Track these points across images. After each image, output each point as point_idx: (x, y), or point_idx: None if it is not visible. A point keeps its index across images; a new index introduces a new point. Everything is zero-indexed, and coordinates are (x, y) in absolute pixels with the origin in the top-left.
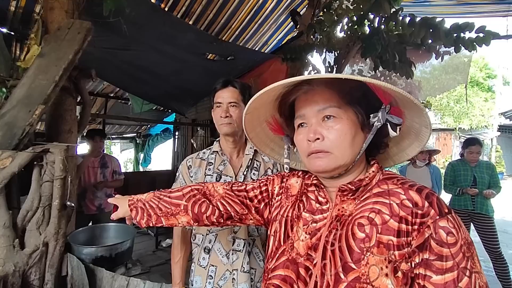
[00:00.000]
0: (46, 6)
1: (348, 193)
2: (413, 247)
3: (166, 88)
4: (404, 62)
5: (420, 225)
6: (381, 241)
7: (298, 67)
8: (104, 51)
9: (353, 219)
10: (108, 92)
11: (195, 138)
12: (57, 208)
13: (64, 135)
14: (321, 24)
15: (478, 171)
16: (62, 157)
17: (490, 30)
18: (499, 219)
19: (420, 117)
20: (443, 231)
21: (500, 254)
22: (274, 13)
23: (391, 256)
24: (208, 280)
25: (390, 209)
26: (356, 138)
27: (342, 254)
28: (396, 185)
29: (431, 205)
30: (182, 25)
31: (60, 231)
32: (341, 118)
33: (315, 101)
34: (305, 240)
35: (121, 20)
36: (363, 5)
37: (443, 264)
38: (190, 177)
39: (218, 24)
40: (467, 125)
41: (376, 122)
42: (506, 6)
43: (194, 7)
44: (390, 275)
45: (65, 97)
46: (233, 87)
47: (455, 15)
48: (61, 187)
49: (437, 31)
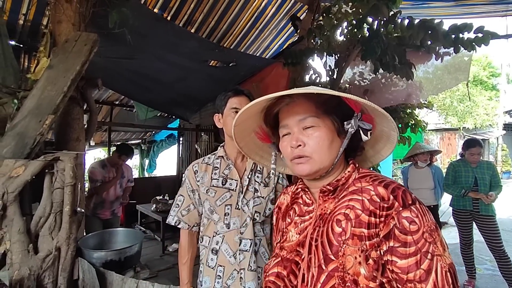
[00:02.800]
0: (54, 19)
1: (328, 193)
2: (381, 236)
3: (170, 95)
4: (404, 64)
5: (386, 217)
6: (354, 234)
7: (299, 71)
8: (109, 61)
9: (332, 216)
10: (113, 100)
11: (199, 144)
12: (68, 214)
13: (73, 143)
14: (321, 29)
15: (479, 172)
16: (72, 165)
17: (488, 30)
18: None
19: (387, 122)
20: (406, 221)
21: (504, 253)
22: (275, 19)
23: (363, 246)
24: (216, 280)
25: (362, 204)
26: (333, 143)
27: (324, 248)
28: (368, 183)
29: (395, 198)
30: (185, 34)
31: (72, 236)
32: (319, 126)
33: (296, 112)
34: (295, 239)
35: (125, 30)
36: (362, 9)
37: (407, 250)
38: (197, 181)
39: (220, 31)
40: (471, 125)
41: (350, 128)
42: (504, 6)
43: (195, 15)
44: (363, 263)
45: (73, 106)
46: (246, 96)
47: (454, 16)
48: (71, 194)
49: (435, 33)
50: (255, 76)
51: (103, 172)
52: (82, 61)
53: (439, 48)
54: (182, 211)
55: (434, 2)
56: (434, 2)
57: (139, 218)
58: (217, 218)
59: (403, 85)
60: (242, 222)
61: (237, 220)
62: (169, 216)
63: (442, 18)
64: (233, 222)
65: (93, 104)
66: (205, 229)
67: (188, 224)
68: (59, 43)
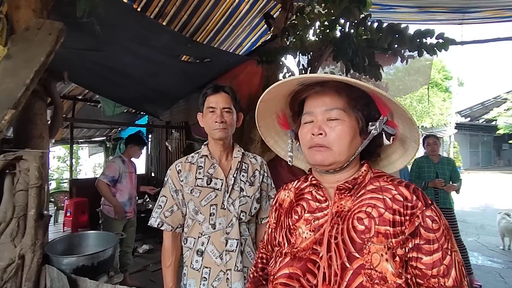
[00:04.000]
0: (11, 4)
1: (346, 191)
2: (407, 234)
3: (141, 90)
4: (372, 65)
5: (411, 216)
6: (379, 231)
7: (273, 70)
8: (73, 52)
9: (352, 214)
10: (76, 94)
11: (170, 141)
12: (34, 218)
13: (35, 141)
14: (294, 28)
15: (440, 167)
16: (38, 164)
17: (448, 36)
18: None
19: (412, 132)
20: (429, 220)
21: (460, 241)
22: (249, 16)
23: (389, 244)
24: (202, 282)
25: (384, 203)
26: (354, 140)
27: (346, 245)
28: (387, 182)
29: (418, 198)
30: (157, 26)
31: (38, 242)
32: (344, 121)
33: (324, 101)
34: (310, 237)
35: (94, 20)
36: (334, 10)
37: (431, 247)
38: (181, 181)
39: (193, 26)
40: (428, 124)
41: (373, 130)
42: (461, 15)
43: (167, 8)
44: (390, 260)
45: (35, 101)
46: (225, 93)
47: (417, 22)
48: (37, 196)
49: (402, 37)
50: (228, 73)
51: (124, 167)
52: (47, 51)
53: (405, 51)
54: (165, 212)
55: (400, 8)
56: (400, 7)
57: None
58: (202, 218)
59: None
60: (228, 222)
61: (223, 220)
62: (151, 218)
63: (406, 23)
64: (219, 222)
65: (58, 99)
66: (190, 230)
67: (172, 226)
68: (18, 30)
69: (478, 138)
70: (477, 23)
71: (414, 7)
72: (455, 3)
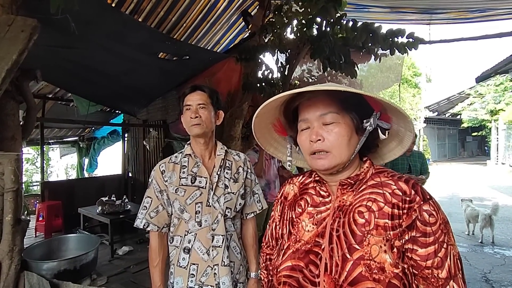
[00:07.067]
0: None
1: (348, 186)
2: (404, 227)
3: (116, 88)
4: (348, 63)
5: (409, 209)
6: (378, 224)
7: (252, 67)
8: (44, 49)
9: (353, 208)
10: (46, 92)
11: (147, 140)
12: (11, 224)
13: (7, 143)
14: (272, 26)
15: (412, 160)
16: (13, 167)
17: (417, 36)
18: None
19: (406, 123)
20: (426, 214)
21: None
22: (226, 13)
23: (387, 236)
24: (190, 279)
25: (384, 197)
26: (351, 140)
27: (347, 238)
28: (387, 178)
29: (416, 193)
30: (133, 23)
31: (15, 248)
32: (339, 123)
33: (317, 107)
34: (312, 230)
35: (68, 17)
36: (311, 9)
37: (426, 239)
38: (165, 181)
39: (170, 22)
40: None
41: (368, 127)
42: (428, 15)
43: (143, 4)
44: (388, 251)
45: (6, 101)
46: (201, 91)
47: (389, 21)
48: (13, 200)
49: (376, 36)
50: (207, 71)
51: (257, 155)
52: (20, 49)
53: (378, 49)
54: (151, 213)
55: (373, 8)
56: (373, 7)
57: (82, 222)
58: (188, 216)
59: (346, 82)
60: (213, 219)
61: (209, 217)
62: (136, 219)
63: (379, 23)
64: (204, 219)
65: (31, 99)
66: (176, 229)
67: (158, 226)
68: None
69: (444, 131)
70: (443, 24)
71: (386, 7)
72: (423, 4)
